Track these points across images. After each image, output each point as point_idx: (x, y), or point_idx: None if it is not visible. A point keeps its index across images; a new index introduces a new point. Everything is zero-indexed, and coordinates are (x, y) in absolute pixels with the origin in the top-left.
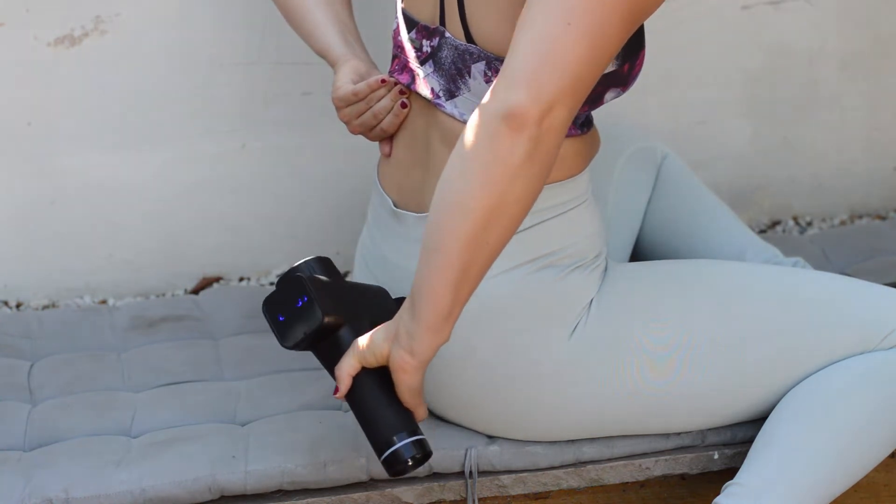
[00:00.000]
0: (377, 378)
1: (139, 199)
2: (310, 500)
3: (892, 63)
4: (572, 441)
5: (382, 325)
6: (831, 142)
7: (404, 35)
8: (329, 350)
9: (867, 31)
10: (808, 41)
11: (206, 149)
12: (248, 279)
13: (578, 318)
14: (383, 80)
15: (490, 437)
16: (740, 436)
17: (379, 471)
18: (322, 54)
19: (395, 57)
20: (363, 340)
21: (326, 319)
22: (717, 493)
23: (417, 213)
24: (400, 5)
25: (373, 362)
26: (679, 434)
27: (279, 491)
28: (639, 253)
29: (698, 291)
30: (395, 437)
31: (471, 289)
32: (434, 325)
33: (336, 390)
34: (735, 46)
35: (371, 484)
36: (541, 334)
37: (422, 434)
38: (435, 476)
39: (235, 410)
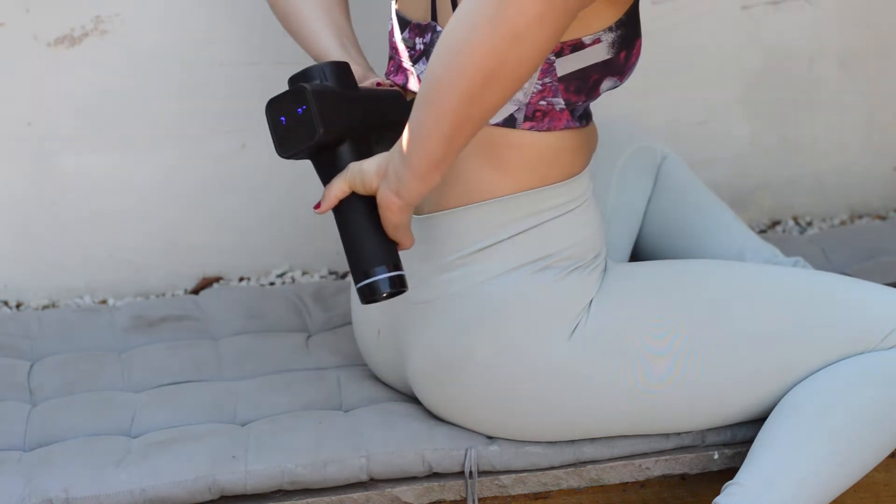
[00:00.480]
0: (366, 205)
1: (139, 199)
2: (310, 500)
3: (892, 63)
4: (572, 441)
5: (376, 156)
6: (831, 142)
7: (398, 36)
8: (326, 164)
9: (867, 31)
10: (808, 41)
11: (206, 149)
12: (248, 279)
13: (578, 318)
14: (379, 83)
15: (490, 437)
16: (740, 436)
17: (379, 470)
18: (318, 59)
19: (390, 58)
20: (356, 167)
21: (324, 136)
22: (717, 493)
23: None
24: (393, 6)
25: (361, 191)
26: (679, 434)
27: (279, 491)
28: (638, 253)
29: (698, 291)
30: (374, 269)
31: (464, 142)
32: (423, 172)
33: (318, 205)
34: (735, 46)
35: (371, 484)
36: (541, 335)
37: (401, 269)
38: (435, 476)
39: (235, 410)
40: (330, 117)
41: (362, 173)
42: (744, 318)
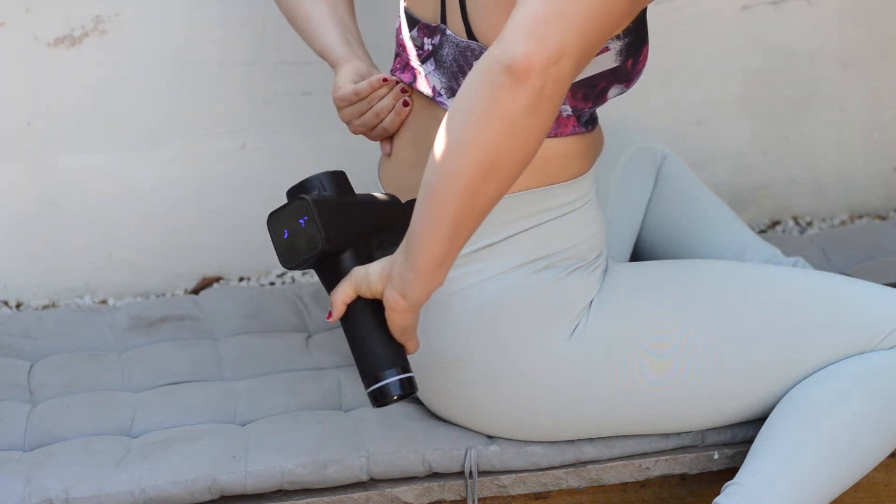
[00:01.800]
0: (372, 308)
1: (139, 199)
2: (310, 500)
3: (892, 63)
4: (572, 441)
5: (381, 260)
6: (831, 142)
7: (406, 33)
8: (329, 272)
9: (867, 31)
10: (808, 41)
11: (206, 149)
12: (248, 279)
13: (579, 318)
14: (385, 79)
15: (490, 437)
16: (740, 436)
17: (379, 470)
18: (323, 55)
19: (396, 55)
20: (360, 271)
21: (327, 246)
22: (717, 493)
23: None
24: (402, 4)
25: (368, 295)
26: (679, 434)
27: (279, 491)
28: (639, 253)
29: (698, 291)
30: (383, 373)
31: (465, 238)
32: (427, 272)
33: (329, 314)
34: (735, 46)
35: (371, 484)
36: (541, 334)
37: (410, 371)
38: (435, 476)
39: (235, 410)
40: (332, 227)
41: (367, 277)
42: (744, 318)
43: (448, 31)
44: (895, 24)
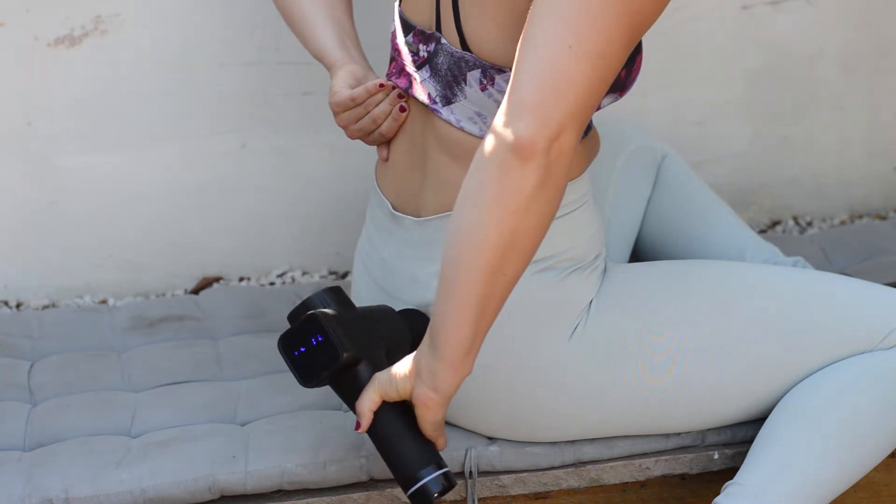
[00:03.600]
0: (398, 411)
1: (139, 199)
2: (310, 500)
3: (892, 63)
4: (572, 441)
5: (403, 360)
6: (831, 142)
7: (401, 38)
8: (348, 385)
9: (867, 31)
10: (808, 41)
11: (206, 149)
12: (248, 279)
13: (578, 319)
14: (381, 85)
15: (490, 437)
16: (740, 436)
17: (379, 471)
18: (319, 58)
19: (392, 60)
20: (384, 375)
21: (346, 357)
22: (717, 493)
23: (416, 216)
24: (397, 8)
25: (395, 397)
26: (679, 434)
27: (279, 491)
28: (638, 252)
29: (698, 291)
30: (421, 473)
31: (490, 320)
32: (456, 361)
33: (358, 425)
34: (735, 46)
35: (371, 484)
36: (540, 336)
37: (446, 466)
38: None
39: (235, 410)
40: (346, 338)
41: (392, 380)
42: (744, 318)
43: (443, 40)
44: (895, 24)
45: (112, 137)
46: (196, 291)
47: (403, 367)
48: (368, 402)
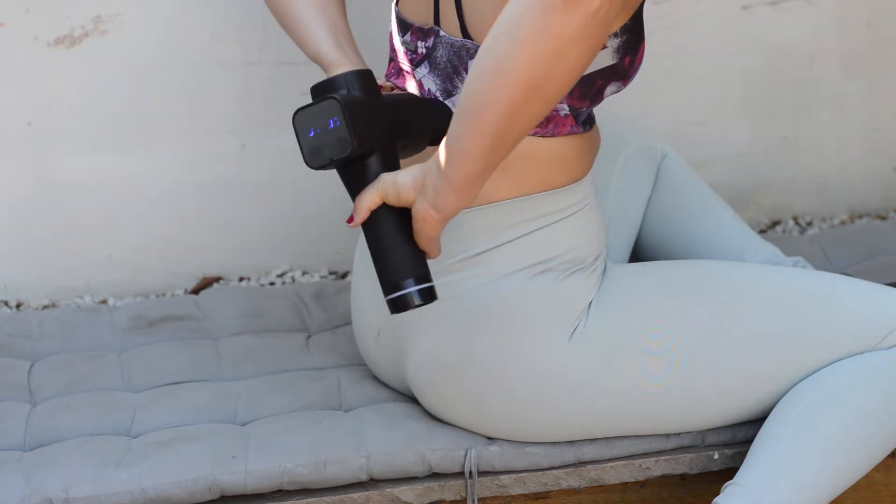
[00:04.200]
0: (396, 216)
1: (139, 199)
2: (310, 500)
3: (892, 63)
4: (572, 441)
5: (411, 168)
6: (831, 142)
7: (397, 39)
8: (354, 176)
9: (867, 31)
10: (808, 41)
11: (206, 149)
12: (248, 279)
13: (578, 320)
14: (381, 87)
15: (490, 437)
16: (740, 436)
17: (379, 470)
18: (315, 59)
19: (390, 60)
20: (389, 178)
21: (357, 150)
22: (717, 493)
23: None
24: (394, 8)
25: (396, 203)
26: (679, 434)
27: (279, 491)
28: (638, 252)
29: (698, 292)
30: (404, 282)
31: (503, 155)
32: (462, 187)
33: (351, 219)
34: (735, 46)
35: (371, 484)
36: (540, 337)
37: (431, 281)
38: (435, 476)
39: (235, 410)
40: (361, 130)
41: (397, 186)
42: (744, 318)
43: (442, 33)
44: (895, 24)
45: (112, 137)
46: (196, 291)
47: (410, 176)
48: (368, 200)
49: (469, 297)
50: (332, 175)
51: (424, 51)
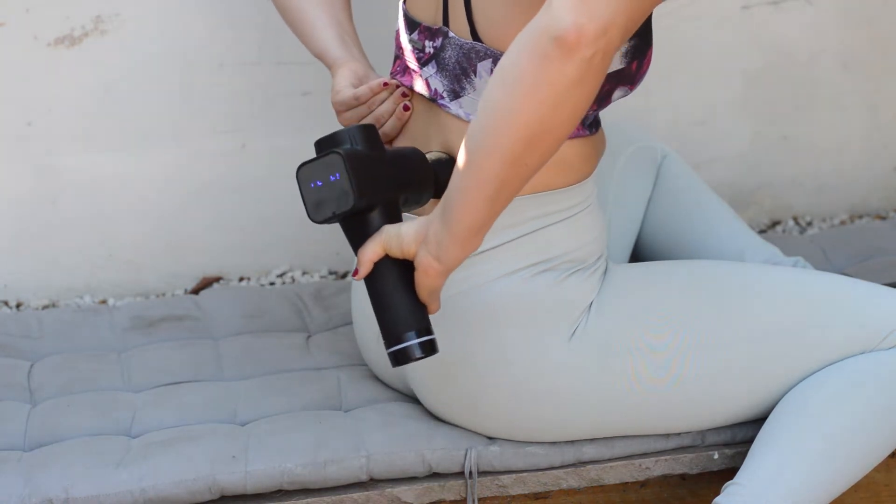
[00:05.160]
0: (398, 268)
1: (139, 199)
2: (310, 500)
3: (892, 63)
4: (572, 441)
5: (413, 221)
6: (831, 142)
7: (405, 37)
8: (357, 229)
9: (867, 31)
10: (808, 41)
11: (206, 149)
12: (248, 279)
13: (578, 320)
14: (385, 83)
15: (490, 437)
16: (740, 436)
17: (379, 470)
18: (319, 56)
19: (396, 58)
20: (392, 230)
21: (360, 203)
22: (717, 493)
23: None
24: (402, 6)
25: (398, 255)
26: (679, 434)
27: (279, 491)
28: (639, 252)
29: (698, 292)
30: (406, 335)
31: (504, 205)
32: (464, 237)
33: (356, 272)
34: (735, 46)
35: (371, 484)
36: (541, 337)
37: (432, 334)
38: (435, 476)
39: (235, 410)
40: (364, 183)
41: (400, 237)
42: (743, 318)
43: (451, 34)
44: (895, 24)
45: (112, 137)
46: (196, 291)
47: (413, 228)
48: (371, 252)
49: (471, 297)
50: None
51: (432, 50)
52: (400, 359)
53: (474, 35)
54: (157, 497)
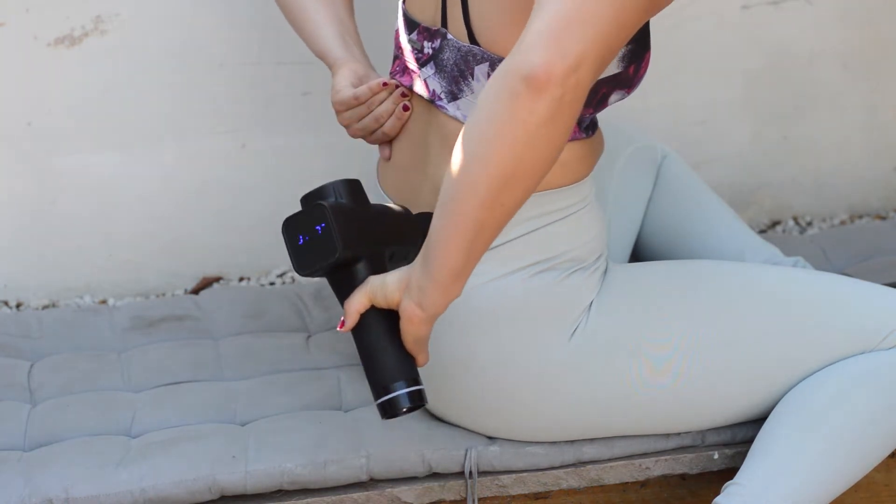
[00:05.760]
0: (385, 319)
1: (139, 199)
2: (310, 500)
3: (892, 63)
4: (572, 441)
5: (397, 269)
6: (831, 142)
7: (404, 37)
8: (343, 281)
9: (867, 31)
10: (808, 41)
11: (206, 149)
12: (248, 279)
13: (578, 320)
14: (385, 83)
15: (490, 437)
16: (740, 436)
17: (379, 470)
18: (320, 56)
19: (395, 58)
20: (377, 280)
21: (344, 254)
22: (717, 493)
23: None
24: (401, 6)
25: (383, 304)
26: (679, 434)
27: (279, 491)
28: (639, 252)
29: (698, 292)
30: (393, 385)
31: (483, 248)
32: (445, 283)
33: (342, 324)
34: (735, 46)
35: (371, 484)
36: (541, 337)
37: (420, 384)
38: (435, 476)
39: (235, 410)
40: (349, 235)
41: (384, 287)
42: (743, 319)
43: (449, 36)
44: (895, 24)
45: (112, 137)
46: (196, 291)
47: (396, 276)
48: (357, 303)
49: (470, 296)
50: (333, 174)
51: (431, 51)
52: (388, 410)
53: (472, 38)
54: (157, 497)
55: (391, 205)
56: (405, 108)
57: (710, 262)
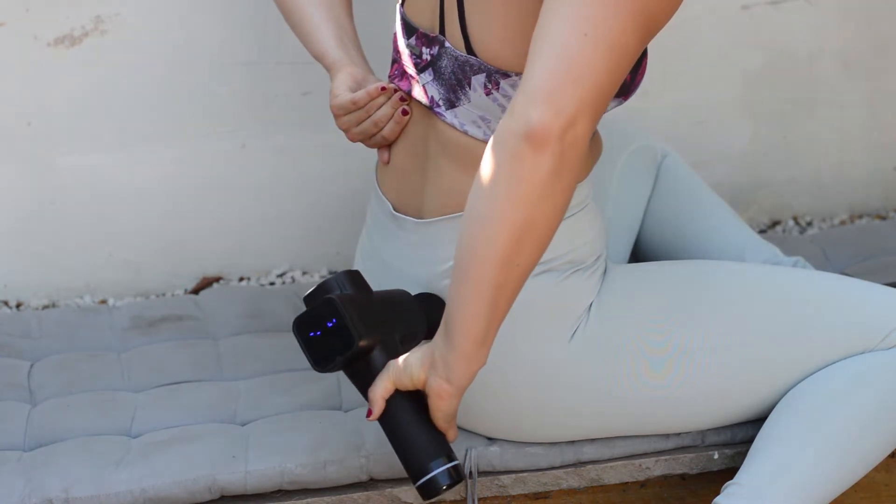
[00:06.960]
0: (409, 400)
1: (139, 199)
2: (310, 500)
3: (892, 63)
4: (572, 441)
5: (417, 349)
6: (831, 142)
7: (402, 41)
8: (362, 371)
9: (867, 31)
10: (808, 41)
11: (206, 149)
12: (248, 279)
13: (578, 321)
14: (383, 88)
15: (490, 437)
16: (740, 436)
17: (379, 470)
18: (318, 58)
19: (394, 62)
20: (398, 363)
21: (361, 344)
22: (717, 493)
23: (416, 218)
24: (399, 9)
25: (409, 386)
26: (679, 434)
27: (279, 491)
28: (638, 252)
29: (698, 292)
30: (431, 465)
31: (505, 311)
32: (470, 352)
33: (369, 413)
34: (735, 46)
35: (371, 484)
36: (541, 338)
37: (455, 459)
38: None
39: (235, 410)
40: (362, 324)
41: (407, 368)
42: (743, 318)
43: (447, 44)
44: (895, 24)
45: (112, 137)
46: (196, 291)
47: (418, 356)
48: (381, 389)
49: None
50: (332, 174)
51: (429, 58)
52: (428, 492)
53: (468, 48)
54: (157, 497)
55: (391, 290)
56: (404, 113)
57: (710, 263)
